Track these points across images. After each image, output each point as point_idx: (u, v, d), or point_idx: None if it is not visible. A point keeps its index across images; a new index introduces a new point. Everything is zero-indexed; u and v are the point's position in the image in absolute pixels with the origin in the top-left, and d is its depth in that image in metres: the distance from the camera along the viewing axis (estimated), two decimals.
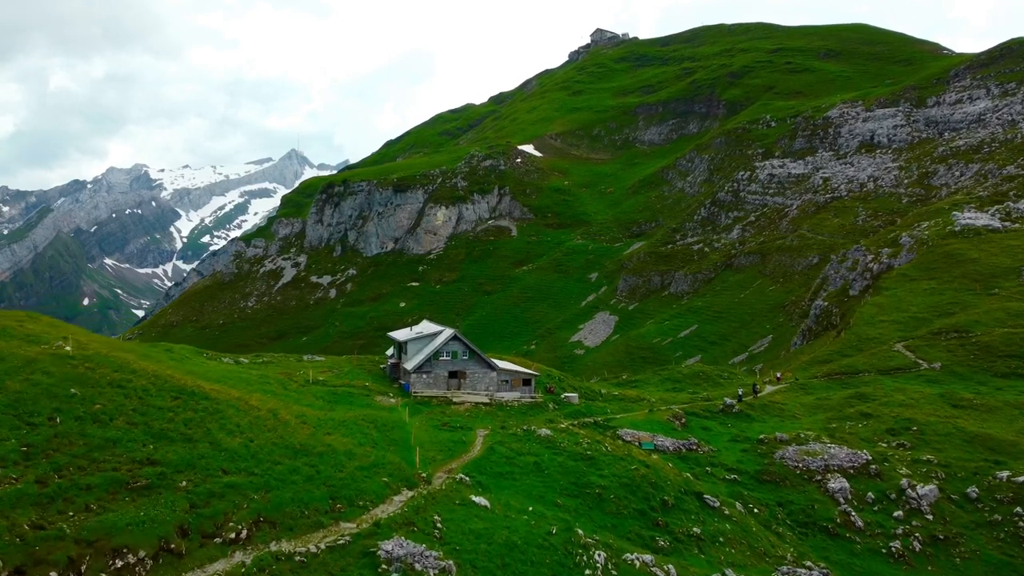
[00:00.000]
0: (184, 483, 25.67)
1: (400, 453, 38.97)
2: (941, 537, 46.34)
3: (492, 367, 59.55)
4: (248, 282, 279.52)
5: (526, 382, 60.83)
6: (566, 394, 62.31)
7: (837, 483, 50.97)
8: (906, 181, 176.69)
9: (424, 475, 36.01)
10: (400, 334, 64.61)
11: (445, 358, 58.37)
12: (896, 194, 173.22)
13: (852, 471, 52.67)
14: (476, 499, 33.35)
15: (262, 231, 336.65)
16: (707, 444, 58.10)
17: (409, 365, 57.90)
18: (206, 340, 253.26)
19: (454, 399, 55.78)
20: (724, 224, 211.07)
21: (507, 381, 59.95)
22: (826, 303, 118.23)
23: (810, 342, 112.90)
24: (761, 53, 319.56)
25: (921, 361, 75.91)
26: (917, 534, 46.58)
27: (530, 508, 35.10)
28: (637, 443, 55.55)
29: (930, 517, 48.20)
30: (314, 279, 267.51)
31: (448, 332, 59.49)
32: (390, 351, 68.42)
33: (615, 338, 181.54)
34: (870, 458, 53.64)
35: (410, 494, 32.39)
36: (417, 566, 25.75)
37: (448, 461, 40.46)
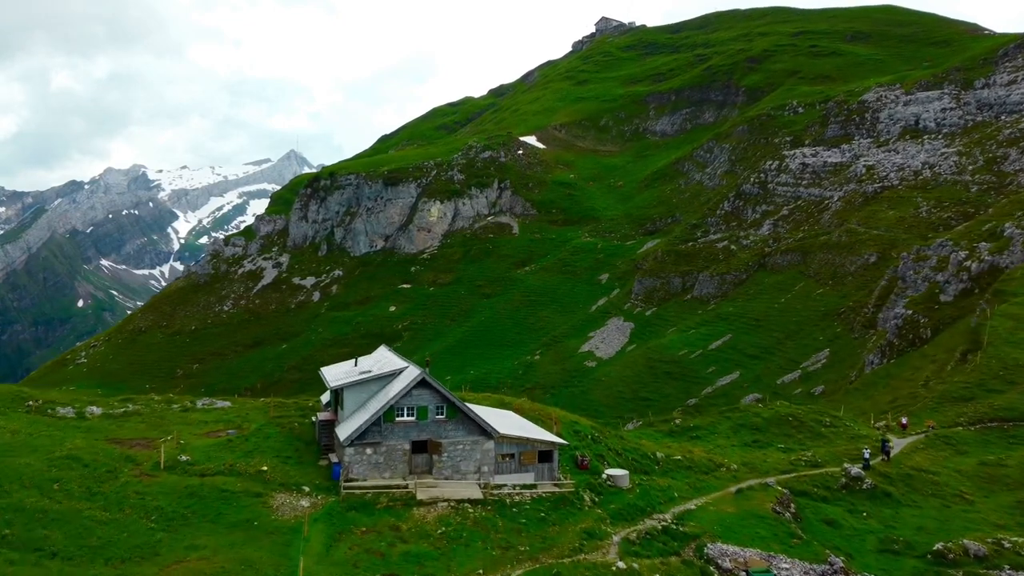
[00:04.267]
0: None
1: None
2: None
3: (487, 433, 34.29)
4: (225, 284, 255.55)
5: (544, 456, 35.68)
6: (609, 472, 37.38)
7: None
8: (971, 167, 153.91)
9: None
10: (335, 373, 38.97)
11: (406, 418, 33.15)
12: (961, 182, 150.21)
13: None
14: None
15: (245, 230, 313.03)
16: (852, 566, 33.96)
17: (343, 431, 32.86)
18: (176, 348, 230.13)
19: (419, 494, 31.10)
20: (752, 219, 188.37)
21: (513, 456, 34.71)
22: (909, 311, 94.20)
23: (893, 360, 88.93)
24: (782, 37, 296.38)
25: None
26: None
27: None
28: (744, 573, 31.47)
29: None
30: (297, 281, 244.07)
31: (412, 372, 34.21)
32: (325, 396, 42.75)
33: (632, 348, 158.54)
34: None
35: None
36: None
37: None
